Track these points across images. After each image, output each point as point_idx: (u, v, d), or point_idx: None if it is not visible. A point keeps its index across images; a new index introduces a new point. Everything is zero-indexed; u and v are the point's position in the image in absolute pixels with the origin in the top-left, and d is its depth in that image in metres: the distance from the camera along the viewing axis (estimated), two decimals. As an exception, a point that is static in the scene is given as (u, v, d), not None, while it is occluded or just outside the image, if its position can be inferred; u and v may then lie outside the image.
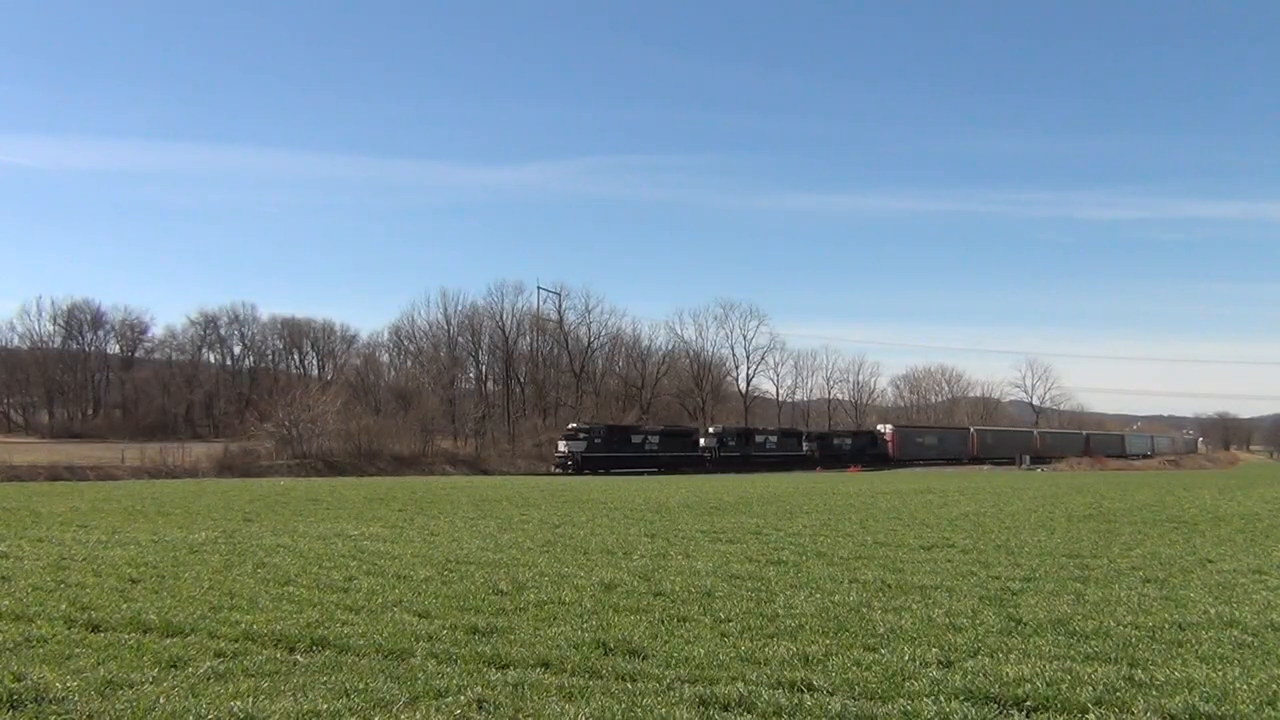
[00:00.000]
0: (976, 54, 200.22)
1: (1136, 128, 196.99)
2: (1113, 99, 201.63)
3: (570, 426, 58.73)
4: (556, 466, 54.80)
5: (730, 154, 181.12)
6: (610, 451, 56.04)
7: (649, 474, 52.08)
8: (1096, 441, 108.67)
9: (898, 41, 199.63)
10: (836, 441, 71.58)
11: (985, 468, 69.74)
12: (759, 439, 66.19)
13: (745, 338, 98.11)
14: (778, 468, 62.78)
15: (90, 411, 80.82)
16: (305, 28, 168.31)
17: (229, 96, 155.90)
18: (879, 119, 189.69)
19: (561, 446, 55.64)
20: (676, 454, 59.77)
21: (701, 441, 62.24)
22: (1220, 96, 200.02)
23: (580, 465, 53.57)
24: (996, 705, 5.05)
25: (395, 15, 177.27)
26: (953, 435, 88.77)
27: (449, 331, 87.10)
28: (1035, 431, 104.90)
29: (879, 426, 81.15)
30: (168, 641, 6.42)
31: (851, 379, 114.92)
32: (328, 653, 6.12)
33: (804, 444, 68.04)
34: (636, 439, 59.23)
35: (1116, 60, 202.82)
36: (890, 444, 76.66)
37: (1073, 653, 6.23)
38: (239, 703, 4.95)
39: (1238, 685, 5.39)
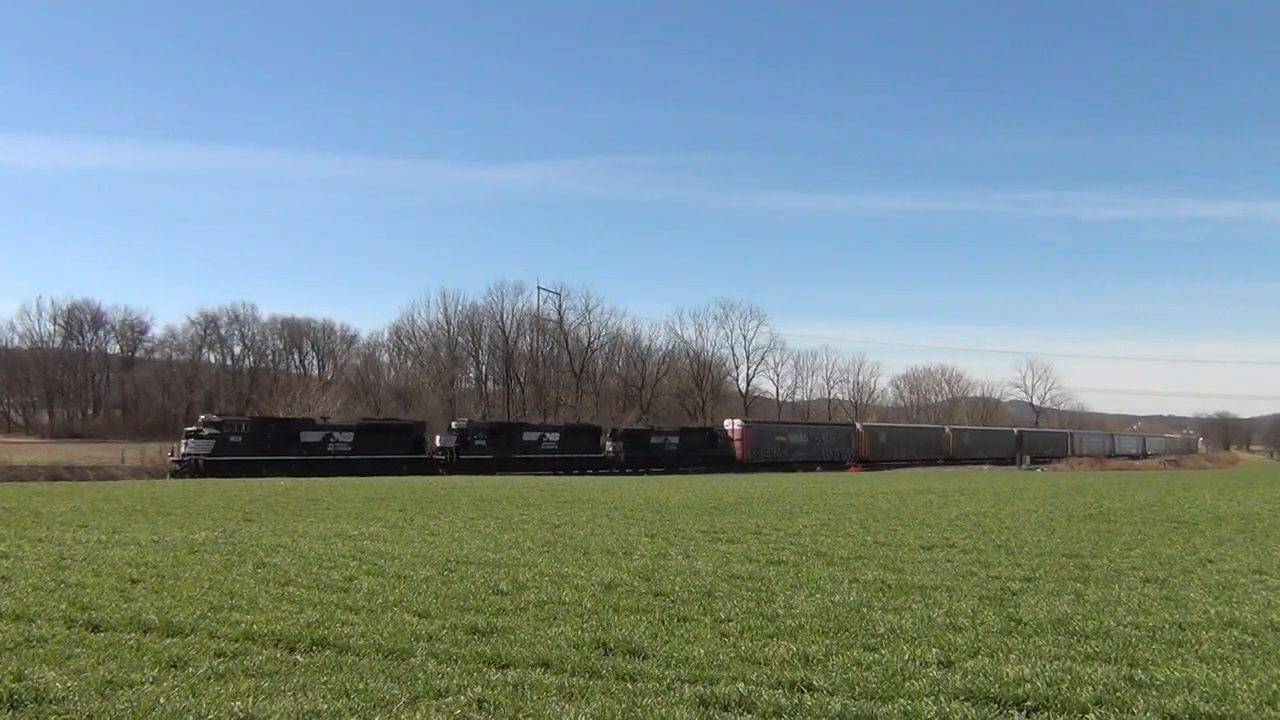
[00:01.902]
0: (976, 54, 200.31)
1: (1136, 128, 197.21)
2: (1113, 99, 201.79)
3: (202, 418, 47.68)
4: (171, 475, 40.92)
5: (730, 154, 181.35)
6: (488, 453, 50.35)
7: (541, 475, 45.77)
8: (1085, 442, 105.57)
9: (898, 41, 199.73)
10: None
11: (949, 469, 66.38)
12: (655, 440, 60.08)
13: (745, 338, 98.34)
14: (676, 469, 57.64)
15: (90, 411, 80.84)
16: (305, 28, 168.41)
17: (229, 96, 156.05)
18: (879, 119, 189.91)
19: (184, 446, 43.06)
20: (577, 455, 55.12)
21: (608, 444, 57.53)
22: (1220, 96, 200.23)
23: (203, 469, 40.70)
24: (996, 705, 5.05)
25: (395, 15, 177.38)
26: (831, 432, 77.18)
27: (449, 331, 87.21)
28: (1015, 430, 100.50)
29: (726, 422, 69.53)
30: (168, 641, 6.42)
31: (851, 379, 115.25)
32: (328, 653, 6.12)
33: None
34: (530, 437, 54.44)
35: (1116, 60, 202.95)
36: (739, 444, 65.26)
37: (1073, 653, 6.23)
38: (239, 703, 4.95)
39: (1238, 685, 5.39)
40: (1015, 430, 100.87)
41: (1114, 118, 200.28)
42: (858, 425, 79.86)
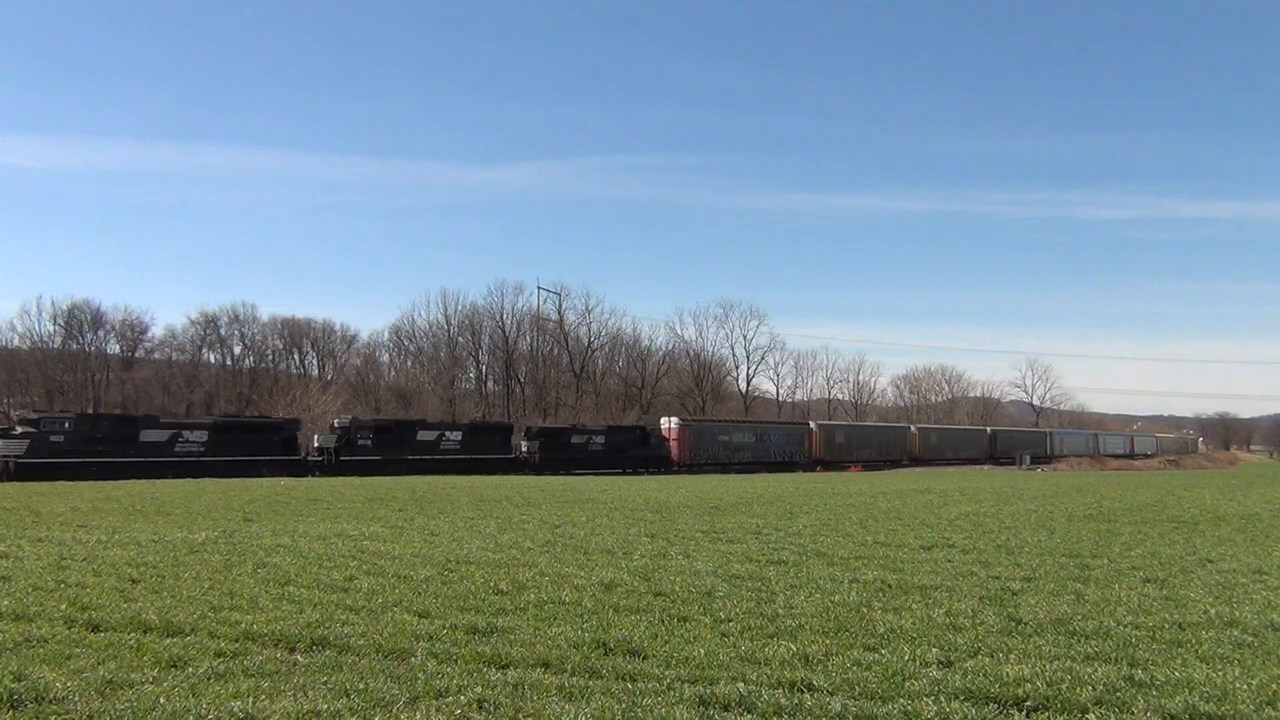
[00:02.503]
0: (976, 54, 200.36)
1: (1136, 127, 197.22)
2: (1112, 99, 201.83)
3: (16, 414, 42.99)
4: None
5: (730, 154, 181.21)
6: (375, 454, 45.63)
7: (434, 477, 39.72)
8: (1066, 441, 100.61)
9: (898, 41, 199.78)
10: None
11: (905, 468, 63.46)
12: (577, 440, 54.79)
13: (745, 338, 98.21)
14: (602, 469, 52.79)
15: (90, 411, 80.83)
16: (305, 27, 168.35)
17: (229, 96, 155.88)
18: (879, 119, 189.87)
19: None
20: (484, 455, 49.70)
21: (522, 443, 52.76)
22: (1219, 96, 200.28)
23: (14, 473, 35.53)
24: (996, 705, 5.06)
25: (395, 15, 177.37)
26: (781, 431, 70.09)
27: (449, 331, 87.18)
28: (988, 429, 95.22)
29: (663, 420, 63.11)
30: (168, 641, 6.42)
31: (851, 379, 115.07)
32: (328, 653, 6.12)
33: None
34: (427, 436, 49.24)
35: (1116, 60, 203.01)
36: (675, 444, 59.16)
37: (1073, 653, 6.23)
38: (239, 703, 4.95)
39: (1238, 685, 5.39)
40: (988, 429, 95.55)
41: (1113, 118, 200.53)
42: (812, 424, 73.51)
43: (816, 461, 67.47)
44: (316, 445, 46.54)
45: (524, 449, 52.36)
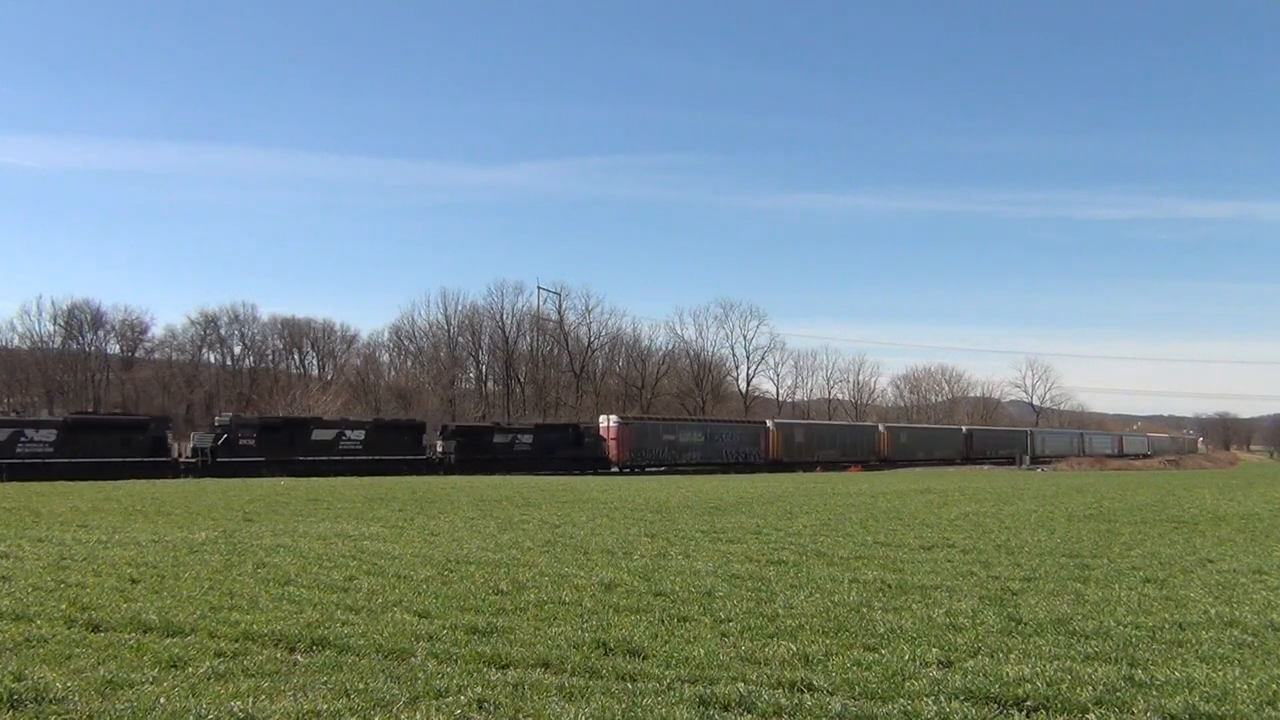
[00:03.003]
0: (976, 54, 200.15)
1: (1135, 127, 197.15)
2: (1112, 99, 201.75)
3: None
4: None
5: (730, 154, 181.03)
6: (259, 454, 41.86)
7: (330, 477, 36.05)
8: (1048, 441, 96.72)
9: (897, 41, 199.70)
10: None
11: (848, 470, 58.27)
12: (500, 439, 50.94)
13: (745, 338, 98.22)
14: (531, 469, 48.58)
15: (90, 411, 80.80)
16: (305, 28, 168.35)
17: (228, 96, 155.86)
18: (879, 119, 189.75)
19: None
20: (390, 455, 45.64)
21: (438, 443, 49.10)
22: (1219, 96, 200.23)
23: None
24: (996, 705, 5.06)
25: (395, 15, 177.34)
26: (734, 430, 64.79)
27: (449, 331, 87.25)
28: (964, 428, 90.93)
29: (602, 418, 58.26)
30: (168, 641, 6.42)
31: (851, 379, 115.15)
32: (328, 653, 6.12)
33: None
34: (323, 435, 45.05)
35: (1116, 60, 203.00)
36: (614, 443, 54.90)
37: (1073, 653, 6.23)
38: (239, 703, 4.96)
39: (1238, 685, 5.39)
40: (964, 428, 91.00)
41: (1113, 118, 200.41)
42: (769, 423, 68.79)
43: (774, 462, 63.19)
44: (194, 446, 43.34)
45: (440, 449, 48.76)
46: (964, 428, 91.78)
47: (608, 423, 56.90)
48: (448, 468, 47.15)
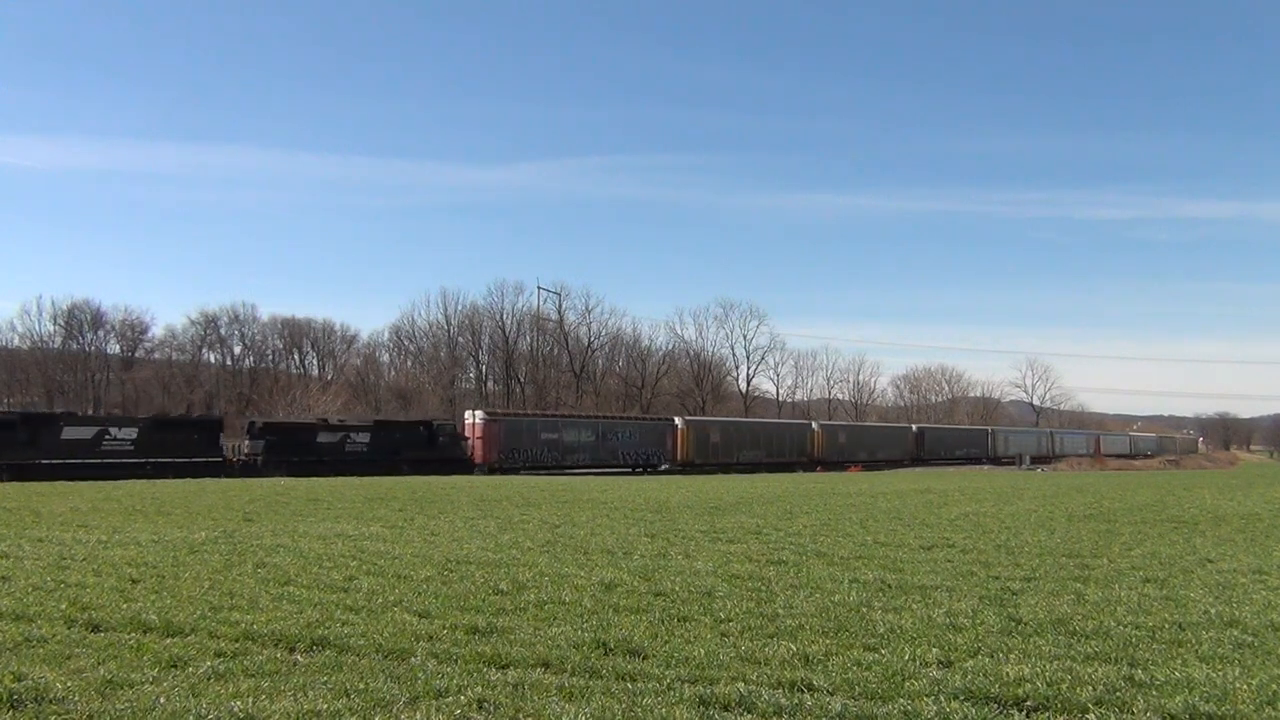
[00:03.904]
0: (976, 54, 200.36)
1: (1135, 127, 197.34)
2: (1112, 99, 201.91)
3: None
4: None
5: (730, 154, 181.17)
6: None
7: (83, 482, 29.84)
8: (1012, 440, 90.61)
9: (897, 41, 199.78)
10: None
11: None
12: (326, 438, 44.35)
13: (745, 338, 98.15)
14: (367, 472, 40.26)
15: (90, 411, 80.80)
16: (305, 27, 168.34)
17: (228, 96, 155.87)
18: (879, 119, 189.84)
19: None
20: (172, 457, 38.96)
21: (245, 442, 43.21)
22: (1219, 96, 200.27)
23: None
24: (996, 705, 5.06)
25: (395, 15, 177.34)
26: (634, 429, 58.12)
27: (449, 331, 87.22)
28: (914, 428, 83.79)
29: (467, 415, 51.94)
30: (168, 641, 6.42)
31: (851, 379, 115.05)
32: (328, 653, 6.12)
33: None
34: (77, 433, 38.27)
35: (1116, 60, 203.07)
36: (479, 442, 48.92)
37: (1073, 653, 6.23)
38: (239, 703, 4.96)
39: (1238, 685, 5.39)
40: (913, 428, 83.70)
41: (1113, 118, 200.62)
42: (678, 421, 61.58)
43: (686, 464, 57.45)
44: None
45: (246, 448, 42.63)
46: (914, 426, 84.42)
47: (473, 419, 50.60)
48: (252, 471, 40.08)
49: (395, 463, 44.44)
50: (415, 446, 47.09)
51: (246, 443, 43.29)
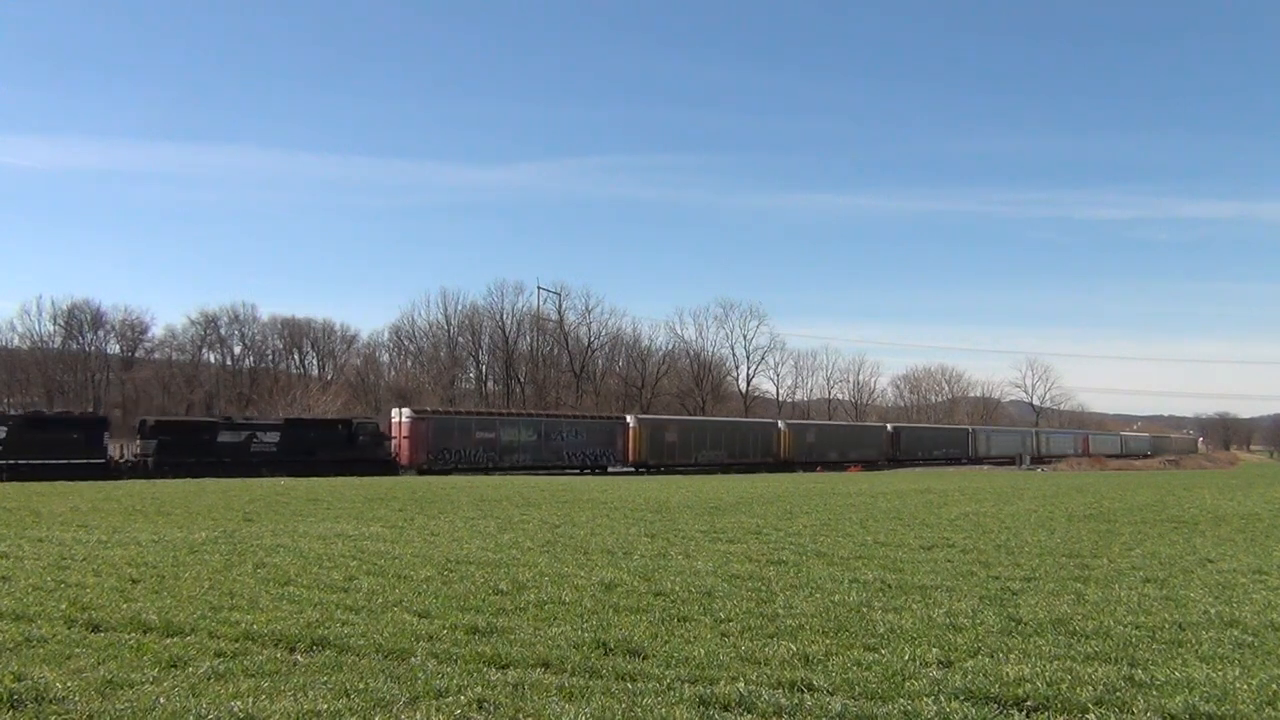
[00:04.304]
0: (976, 54, 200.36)
1: (1135, 127, 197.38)
2: (1112, 99, 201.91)
3: None
4: None
5: (730, 154, 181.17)
6: None
7: None
8: (994, 440, 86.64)
9: (897, 41, 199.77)
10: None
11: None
12: (229, 438, 41.11)
13: (745, 338, 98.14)
14: (274, 473, 37.93)
15: (90, 411, 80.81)
16: (305, 27, 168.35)
17: (228, 96, 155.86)
18: (879, 119, 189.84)
19: None
20: (46, 459, 35.60)
21: (136, 442, 40.12)
22: (1219, 96, 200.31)
23: None
24: (996, 705, 5.06)
25: (395, 15, 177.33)
26: (580, 428, 54.58)
27: (449, 331, 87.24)
28: (888, 427, 79.19)
29: (395, 413, 49.10)
30: (168, 641, 6.42)
31: (851, 379, 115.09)
32: (328, 653, 6.12)
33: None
34: None
35: (1116, 60, 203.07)
36: (407, 442, 46.30)
37: (1073, 653, 6.23)
38: (239, 702, 4.96)
39: (1238, 685, 5.39)
40: (888, 427, 79.02)
41: (1113, 118, 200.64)
42: (629, 419, 58.01)
43: (640, 465, 54.65)
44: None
45: (137, 449, 39.71)
46: (888, 426, 79.84)
47: (399, 418, 47.65)
48: (140, 473, 37.19)
49: (309, 464, 41.26)
50: (332, 446, 44.09)
51: (137, 443, 40.42)
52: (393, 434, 47.28)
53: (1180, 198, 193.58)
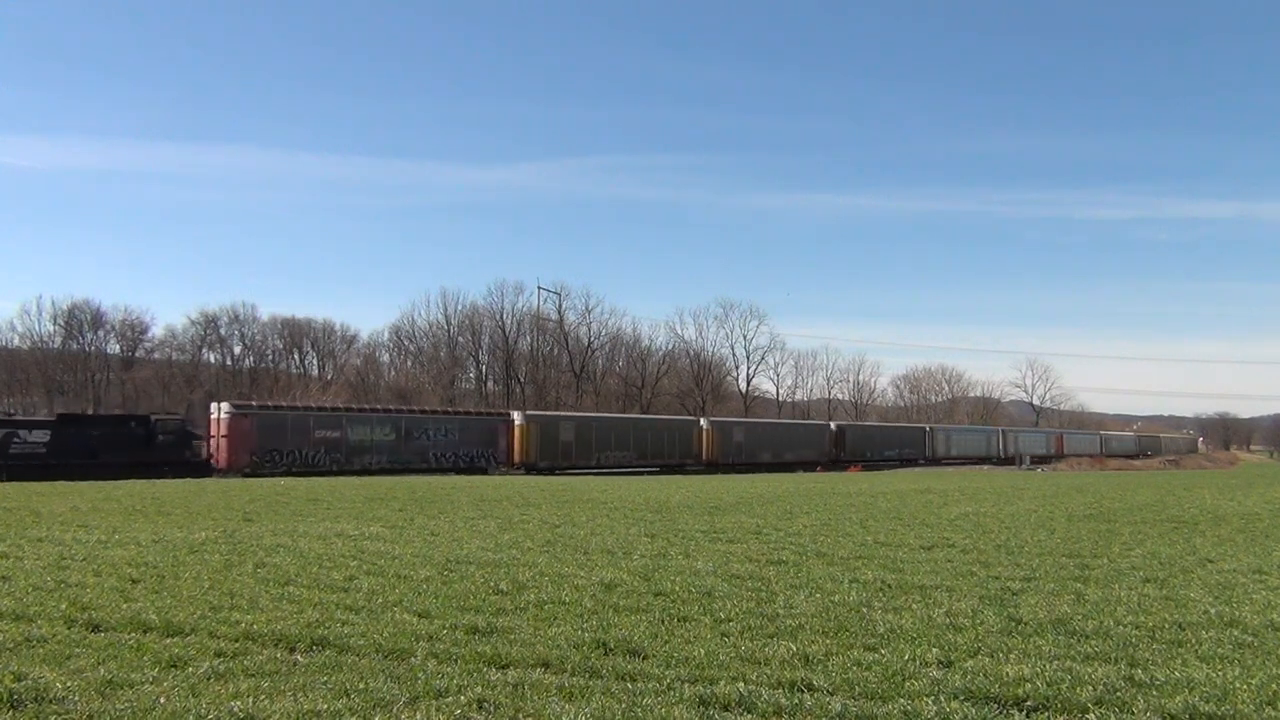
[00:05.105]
0: (975, 54, 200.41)
1: (1135, 127, 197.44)
2: (1112, 99, 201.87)
3: None
4: None
5: (730, 154, 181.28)
6: None
7: None
8: (953, 440, 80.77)
9: (897, 41, 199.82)
10: None
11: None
12: (25, 435, 37.09)
13: (745, 338, 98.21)
14: (44, 476, 32.20)
15: (91, 411, 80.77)
16: (305, 27, 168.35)
17: (228, 96, 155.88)
18: (879, 119, 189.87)
19: None
20: None
21: None
22: (1219, 96, 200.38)
23: None
24: (996, 705, 5.05)
25: (395, 15, 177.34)
26: (453, 425, 48.87)
27: (449, 331, 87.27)
28: (832, 425, 72.17)
29: (214, 408, 43.47)
30: (168, 641, 6.42)
31: (851, 379, 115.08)
32: (328, 653, 6.12)
33: None
34: None
35: (1116, 60, 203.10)
36: (225, 441, 41.22)
37: (1073, 653, 6.23)
38: (239, 702, 4.96)
39: (1238, 685, 5.39)
40: (832, 426, 72.28)
41: (1113, 118, 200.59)
42: (516, 415, 52.19)
43: (527, 466, 49.31)
44: None
45: None
46: (832, 424, 73.30)
47: (217, 413, 42.15)
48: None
49: (89, 467, 36.10)
50: (123, 447, 38.79)
51: None
52: (210, 432, 42.30)
53: (1180, 198, 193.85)
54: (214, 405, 44.02)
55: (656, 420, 62.71)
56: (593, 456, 53.30)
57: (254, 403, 48.57)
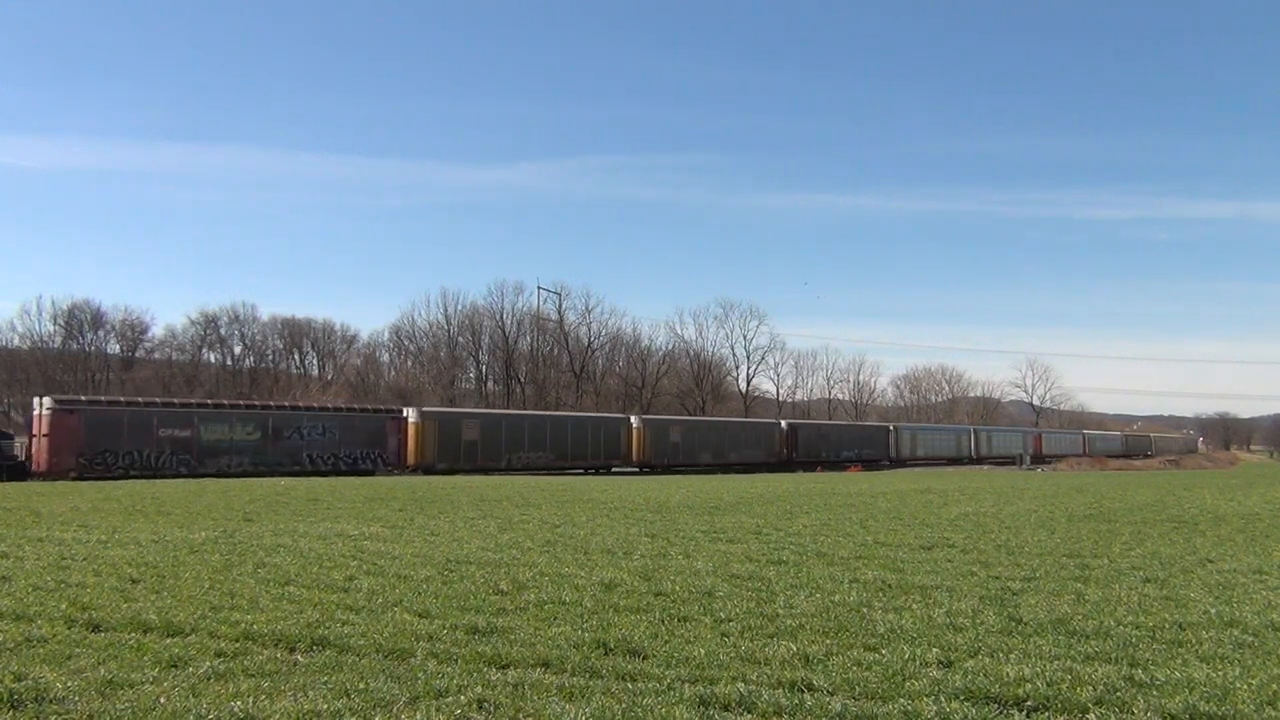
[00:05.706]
0: (975, 54, 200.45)
1: (1134, 127, 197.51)
2: (1112, 99, 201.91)
3: None
4: None
5: (730, 154, 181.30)
6: None
7: None
8: (920, 441, 76.62)
9: (897, 41, 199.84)
10: None
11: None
12: None
13: (745, 338, 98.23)
14: None
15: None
16: (305, 27, 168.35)
17: (228, 96, 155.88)
18: (879, 119, 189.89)
19: None
20: None
21: None
22: (1219, 96, 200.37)
23: None
24: (996, 705, 5.06)
25: (395, 15, 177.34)
26: (334, 422, 43.84)
27: (449, 331, 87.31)
28: (783, 424, 67.94)
29: (35, 403, 39.14)
30: (168, 641, 6.42)
31: (851, 379, 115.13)
32: (328, 653, 6.12)
33: None
34: None
35: (1116, 60, 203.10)
36: (46, 440, 36.52)
37: (1073, 653, 6.23)
38: (239, 703, 4.96)
39: (1238, 685, 5.39)
40: (783, 424, 67.69)
41: (1112, 118, 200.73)
42: (409, 413, 47.02)
43: (424, 468, 45.26)
44: None
45: None
46: (783, 423, 68.68)
47: (38, 409, 37.78)
48: None
49: None
50: None
51: None
52: (31, 430, 38.25)
53: (1180, 198, 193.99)
54: (35, 400, 39.72)
55: (579, 418, 57.79)
56: (502, 458, 48.91)
57: (83, 397, 43.49)
